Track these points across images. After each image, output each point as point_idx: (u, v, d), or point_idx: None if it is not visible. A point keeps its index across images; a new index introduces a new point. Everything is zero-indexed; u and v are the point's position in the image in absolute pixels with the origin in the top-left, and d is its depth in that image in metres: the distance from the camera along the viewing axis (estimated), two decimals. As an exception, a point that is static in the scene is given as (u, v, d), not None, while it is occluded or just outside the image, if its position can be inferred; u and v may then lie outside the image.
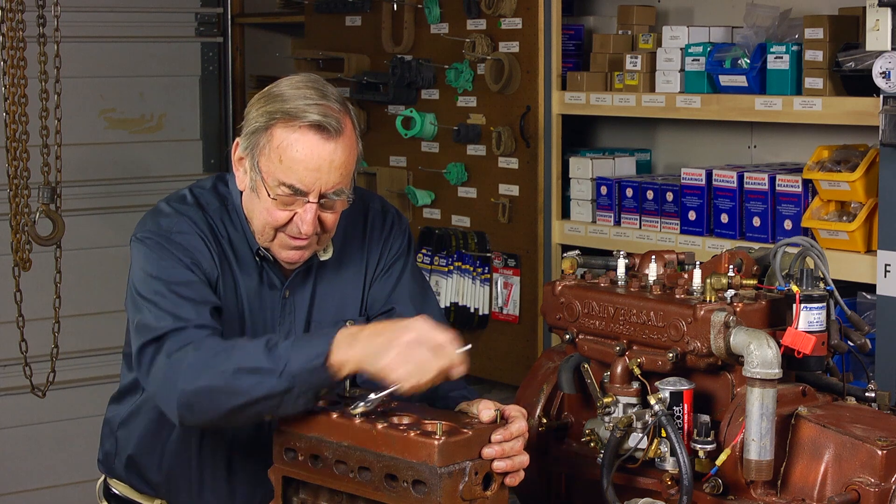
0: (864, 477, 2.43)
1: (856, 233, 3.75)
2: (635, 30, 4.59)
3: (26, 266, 4.82)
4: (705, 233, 4.21)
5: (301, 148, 2.70)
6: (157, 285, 2.73)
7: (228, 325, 2.83)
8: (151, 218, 2.84)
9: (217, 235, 2.84)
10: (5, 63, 4.66)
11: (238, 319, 2.85)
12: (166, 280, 2.73)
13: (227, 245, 2.85)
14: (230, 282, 2.84)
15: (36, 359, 4.97)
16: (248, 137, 2.77)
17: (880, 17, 3.53)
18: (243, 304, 2.86)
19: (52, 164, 4.81)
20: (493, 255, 4.82)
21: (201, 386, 2.59)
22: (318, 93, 2.74)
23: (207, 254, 2.80)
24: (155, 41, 6.02)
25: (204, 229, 2.82)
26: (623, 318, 2.68)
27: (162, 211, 2.84)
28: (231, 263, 2.85)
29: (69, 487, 5.67)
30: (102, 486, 3.09)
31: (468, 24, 4.84)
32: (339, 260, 2.94)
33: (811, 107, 3.87)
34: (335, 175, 2.73)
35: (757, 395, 2.46)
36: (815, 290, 2.59)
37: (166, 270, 2.75)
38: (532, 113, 4.65)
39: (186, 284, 2.74)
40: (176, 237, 2.78)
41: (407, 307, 2.96)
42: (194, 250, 2.78)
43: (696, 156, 4.70)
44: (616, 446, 2.61)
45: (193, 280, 2.75)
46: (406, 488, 2.41)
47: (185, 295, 2.72)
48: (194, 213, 2.83)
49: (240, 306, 2.86)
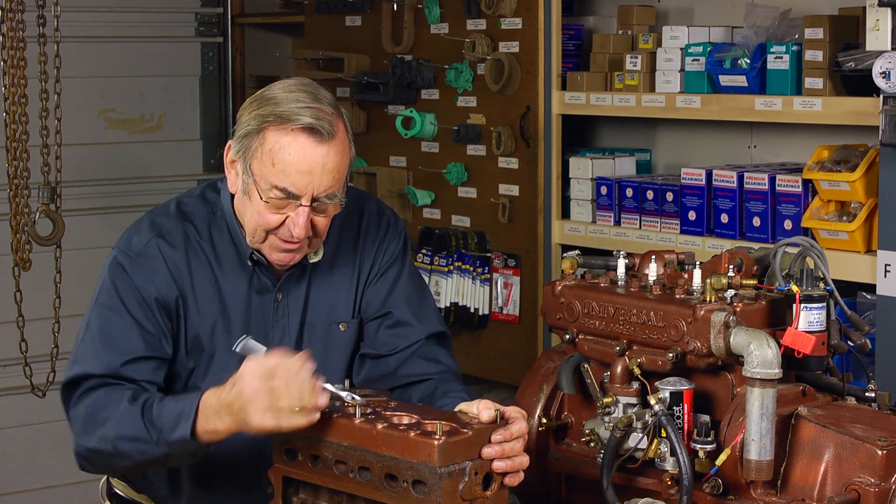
0: (864, 477, 2.43)
1: (856, 233, 3.75)
2: (635, 30, 4.59)
3: (26, 266, 4.83)
4: (705, 233, 4.21)
5: (293, 151, 2.70)
6: (96, 319, 2.80)
7: (217, 334, 2.84)
8: (130, 232, 2.88)
9: (196, 247, 2.84)
10: (5, 63, 4.66)
11: (225, 327, 2.85)
12: (110, 314, 2.79)
13: (209, 253, 2.85)
14: (211, 291, 2.84)
15: (36, 359, 4.97)
16: (240, 140, 2.77)
17: (880, 17, 3.53)
18: (230, 310, 2.85)
19: (52, 164, 4.81)
20: (493, 255, 4.82)
21: (91, 447, 2.74)
22: (310, 96, 2.74)
23: (168, 278, 2.81)
24: (155, 41, 6.02)
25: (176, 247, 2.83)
26: (623, 318, 2.68)
27: (140, 227, 2.88)
28: (214, 271, 2.85)
29: (69, 487, 5.67)
30: (105, 486, 3.10)
31: (468, 24, 4.84)
32: (333, 261, 2.94)
33: (811, 107, 3.87)
34: (327, 178, 2.72)
35: (757, 395, 2.46)
36: (815, 290, 2.59)
37: (112, 307, 2.80)
38: (532, 113, 4.65)
39: (125, 328, 2.78)
40: (140, 261, 2.81)
41: (404, 312, 2.96)
42: (155, 274, 2.80)
43: (696, 156, 4.70)
44: (616, 446, 2.61)
45: (130, 325, 2.78)
46: (406, 488, 2.41)
47: (111, 339, 2.78)
48: (173, 225, 2.85)
49: (226, 314, 2.85)
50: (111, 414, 2.70)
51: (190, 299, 2.83)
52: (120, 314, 2.79)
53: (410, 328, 2.95)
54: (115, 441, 2.68)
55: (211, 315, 2.84)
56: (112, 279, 2.82)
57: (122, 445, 2.68)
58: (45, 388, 4.99)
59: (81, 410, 2.75)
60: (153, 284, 2.80)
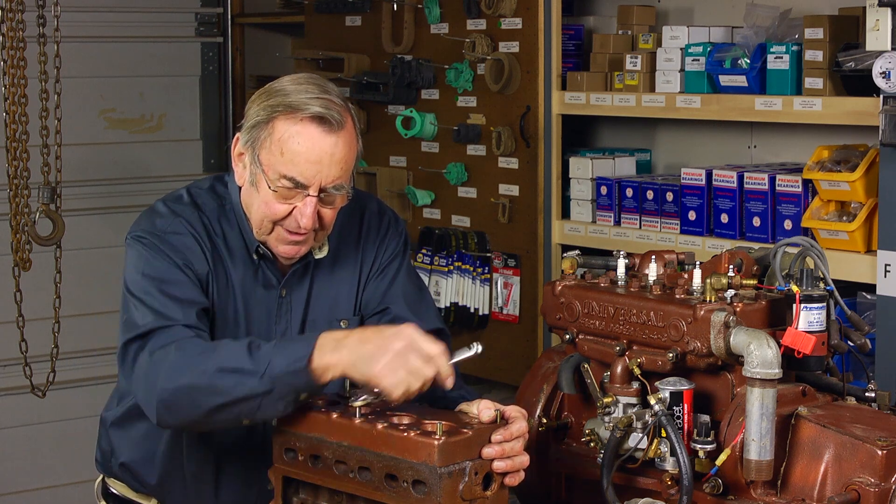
0: (864, 477, 2.43)
1: (856, 233, 3.75)
2: (635, 30, 4.59)
3: (26, 266, 4.82)
4: (705, 233, 4.21)
5: (302, 140, 2.71)
6: (147, 284, 2.74)
7: (223, 324, 2.84)
8: (147, 217, 2.85)
9: (212, 235, 2.84)
10: (5, 63, 4.66)
11: (233, 318, 2.85)
12: (156, 279, 2.74)
13: (222, 244, 2.85)
14: (224, 281, 2.84)
15: (36, 359, 4.97)
16: (248, 132, 2.77)
17: (880, 17, 3.53)
18: (238, 303, 2.86)
19: (52, 164, 4.81)
20: (493, 255, 4.82)
21: (182, 384, 2.58)
22: (319, 88, 2.75)
23: (200, 254, 2.80)
24: (155, 41, 6.02)
25: (198, 229, 2.82)
26: (623, 318, 2.68)
27: (157, 211, 2.85)
28: (226, 263, 2.85)
29: (69, 487, 5.67)
30: (101, 486, 3.09)
31: (468, 24, 4.84)
32: (335, 259, 2.94)
33: (811, 107, 3.87)
34: (336, 169, 2.73)
35: (757, 395, 2.46)
36: (815, 290, 2.59)
37: (157, 270, 2.75)
38: (532, 113, 4.65)
39: (176, 284, 2.74)
40: (170, 237, 2.78)
41: (402, 308, 2.96)
42: (187, 250, 2.78)
43: (696, 156, 4.70)
44: (616, 446, 2.61)
45: (183, 280, 2.75)
46: (406, 488, 2.41)
47: (174, 294, 2.73)
48: (190, 212, 2.84)
49: (235, 305, 2.86)
50: (207, 352, 2.60)
51: (212, 281, 2.82)
52: (172, 272, 2.74)
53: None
54: (216, 374, 2.56)
55: (223, 303, 2.84)
56: (145, 255, 2.77)
57: (221, 379, 2.56)
58: (45, 388, 4.98)
59: (169, 354, 2.62)
60: (187, 256, 2.77)
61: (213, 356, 2.59)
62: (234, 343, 2.63)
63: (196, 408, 2.60)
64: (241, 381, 2.55)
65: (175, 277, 2.75)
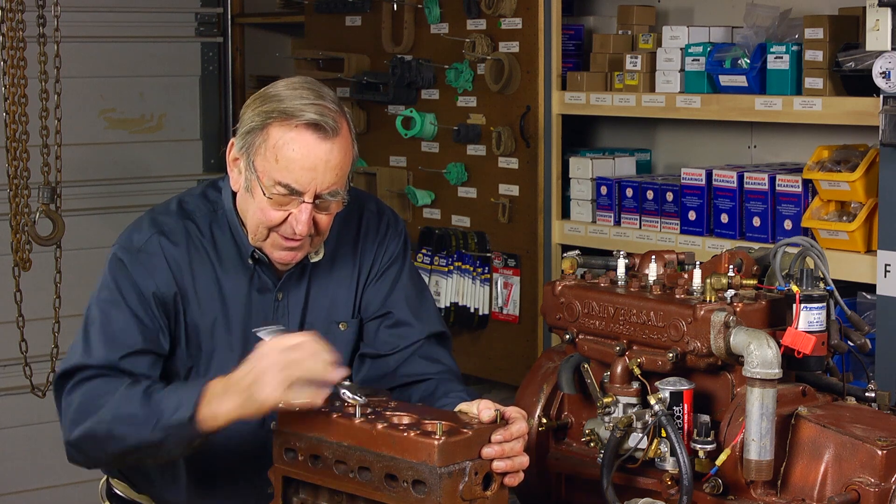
0: (864, 477, 2.43)
1: (856, 233, 3.75)
2: (635, 30, 4.59)
3: (26, 266, 4.83)
4: (705, 233, 4.21)
5: (297, 147, 2.70)
6: (96, 314, 2.79)
7: (212, 333, 2.84)
8: (130, 230, 2.88)
9: (198, 244, 2.84)
10: (5, 63, 4.67)
11: (225, 325, 2.85)
12: (104, 312, 2.78)
13: (211, 251, 2.85)
14: (213, 289, 2.84)
15: (36, 359, 4.97)
16: (243, 137, 2.77)
17: (880, 17, 3.53)
18: (230, 309, 2.86)
19: (52, 164, 4.81)
20: (493, 255, 4.82)
21: (85, 430, 2.68)
22: (314, 93, 2.74)
23: (168, 275, 2.81)
24: (155, 41, 6.02)
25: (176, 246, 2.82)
26: (623, 318, 2.68)
27: (140, 224, 2.87)
28: (216, 270, 2.85)
29: (69, 487, 5.67)
30: (105, 486, 3.10)
31: (468, 24, 4.84)
32: (332, 261, 2.94)
33: (811, 107, 3.87)
34: (331, 175, 2.72)
35: (757, 395, 2.46)
36: (815, 290, 2.59)
37: (109, 303, 2.79)
38: (532, 113, 4.65)
39: (121, 322, 2.77)
40: (141, 257, 2.80)
41: (404, 312, 2.96)
42: (155, 273, 2.80)
43: (696, 156, 4.70)
44: (616, 446, 2.61)
45: (129, 319, 2.77)
46: (406, 488, 2.41)
47: (111, 333, 2.76)
48: (174, 224, 2.85)
49: (225, 312, 2.85)
50: (109, 398, 2.68)
51: (191, 296, 2.83)
52: (119, 308, 2.78)
53: (410, 328, 2.96)
54: (112, 423, 2.65)
55: (211, 313, 2.84)
56: (112, 274, 2.82)
57: (117, 427, 2.65)
58: (45, 388, 4.98)
59: (76, 398, 2.72)
60: (152, 280, 2.80)
61: (112, 402, 2.67)
62: (130, 388, 2.68)
63: (102, 451, 2.73)
64: (136, 430, 2.65)
65: (121, 315, 2.77)
